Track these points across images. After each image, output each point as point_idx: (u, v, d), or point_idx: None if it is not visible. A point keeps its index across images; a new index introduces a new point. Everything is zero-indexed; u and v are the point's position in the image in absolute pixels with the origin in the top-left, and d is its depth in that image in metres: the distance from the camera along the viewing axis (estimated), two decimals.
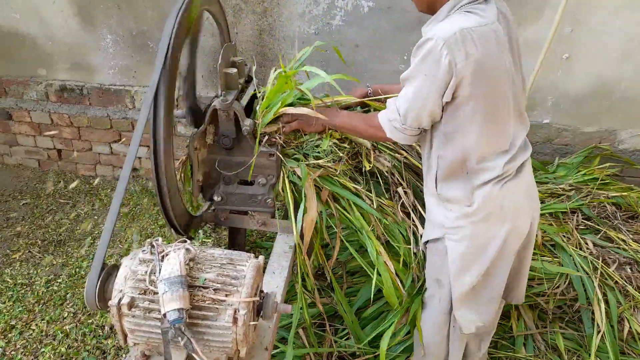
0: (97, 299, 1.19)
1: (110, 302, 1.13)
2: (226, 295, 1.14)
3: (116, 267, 1.28)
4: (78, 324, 2.30)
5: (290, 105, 1.64)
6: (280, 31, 2.86)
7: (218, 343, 1.15)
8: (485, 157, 1.42)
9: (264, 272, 1.64)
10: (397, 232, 1.83)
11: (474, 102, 1.34)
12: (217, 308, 1.13)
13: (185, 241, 1.21)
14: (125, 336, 1.18)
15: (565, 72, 2.71)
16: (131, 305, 1.12)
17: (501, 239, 1.47)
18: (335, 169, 1.71)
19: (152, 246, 1.19)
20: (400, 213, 1.84)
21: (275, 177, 1.72)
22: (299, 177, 1.68)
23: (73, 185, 3.38)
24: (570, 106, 2.81)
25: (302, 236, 1.66)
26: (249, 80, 1.82)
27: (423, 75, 1.32)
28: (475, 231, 1.48)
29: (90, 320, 2.32)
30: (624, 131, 2.83)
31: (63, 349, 2.16)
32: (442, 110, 1.39)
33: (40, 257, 2.75)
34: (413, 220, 1.84)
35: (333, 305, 2.20)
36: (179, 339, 1.09)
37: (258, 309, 1.22)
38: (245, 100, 1.64)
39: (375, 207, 1.77)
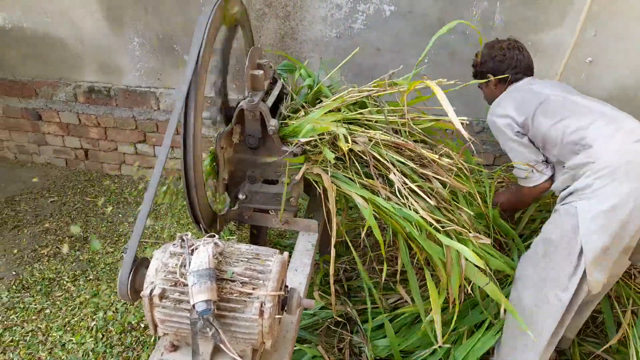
0: (129, 290, 1.25)
1: (142, 293, 1.18)
2: (253, 289, 1.18)
3: (146, 260, 1.33)
4: (103, 318, 2.36)
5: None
6: (303, 34, 2.91)
7: (244, 335, 1.19)
8: (569, 132, 1.75)
9: None
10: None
11: (532, 118, 1.88)
12: (244, 301, 1.17)
13: (213, 236, 1.25)
14: (155, 326, 1.23)
15: (588, 75, 2.69)
16: (162, 296, 1.17)
17: (631, 197, 1.57)
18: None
19: (183, 240, 1.24)
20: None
21: (297, 178, 1.75)
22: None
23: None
24: None
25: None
26: (273, 81, 1.86)
27: (501, 138, 1.98)
28: (603, 186, 1.61)
29: (114, 314, 2.38)
30: None
31: (90, 342, 2.22)
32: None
33: (67, 254, 2.83)
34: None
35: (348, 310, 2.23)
36: (207, 329, 1.13)
37: (283, 303, 1.25)
38: (271, 101, 1.68)
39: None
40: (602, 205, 1.60)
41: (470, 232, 1.77)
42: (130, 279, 1.25)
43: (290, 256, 1.78)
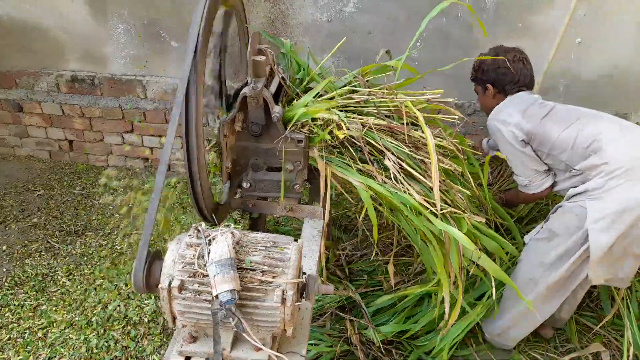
0: (144, 283, 1.23)
1: (160, 286, 1.16)
2: (273, 277, 1.17)
3: (159, 253, 1.31)
4: (102, 312, 2.33)
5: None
6: (293, 18, 2.86)
7: (266, 323, 1.19)
8: (577, 135, 1.79)
9: None
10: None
11: (537, 124, 1.90)
12: (264, 289, 1.16)
13: (228, 225, 1.23)
14: (174, 318, 1.22)
15: (577, 56, 2.73)
16: (181, 288, 1.15)
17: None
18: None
19: (198, 230, 1.22)
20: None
21: (302, 164, 1.75)
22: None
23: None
24: (581, 90, 2.84)
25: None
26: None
27: (510, 148, 1.95)
28: (616, 187, 1.65)
29: (115, 307, 2.35)
30: (635, 114, 2.86)
31: (91, 338, 2.19)
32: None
33: (59, 248, 2.77)
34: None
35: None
36: (230, 319, 1.12)
37: (301, 290, 1.25)
38: (273, 87, 1.66)
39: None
40: (614, 206, 1.65)
41: (464, 212, 1.81)
42: (145, 272, 1.23)
43: None
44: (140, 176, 3.50)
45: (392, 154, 1.75)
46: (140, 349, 2.15)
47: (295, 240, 1.30)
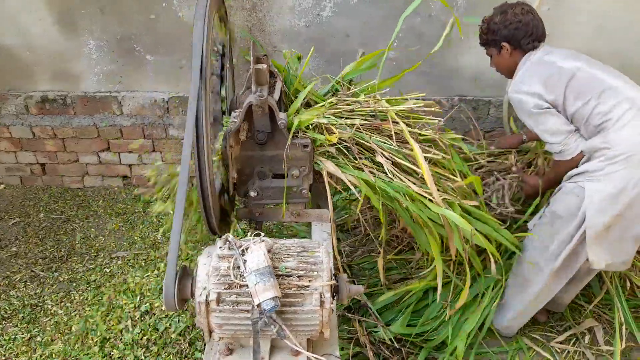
0: (176, 300, 1.21)
1: (197, 300, 1.15)
2: (309, 281, 1.19)
3: (185, 268, 1.29)
4: (104, 339, 2.25)
5: None
6: (271, 25, 2.87)
7: (304, 327, 1.20)
8: (597, 110, 1.76)
9: None
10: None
11: (560, 95, 1.84)
12: (302, 294, 1.17)
13: (259, 234, 1.24)
14: (210, 332, 1.21)
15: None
16: (219, 300, 1.15)
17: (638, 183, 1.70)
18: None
19: (229, 242, 1.21)
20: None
21: (308, 169, 1.76)
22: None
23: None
24: None
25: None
26: (271, 75, 1.84)
27: (526, 114, 1.91)
28: (615, 172, 1.71)
29: (116, 333, 2.28)
30: None
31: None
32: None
33: (44, 276, 2.66)
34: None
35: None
36: (271, 327, 1.13)
37: (333, 292, 1.26)
38: (277, 95, 1.67)
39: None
40: (610, 188, 1.73)
41: (457, 197, 1.88)
42: (176, 288, 1.21)
43: None
44: (119, 195, 3.41)
45: (383, 150, 1.80)
46: None
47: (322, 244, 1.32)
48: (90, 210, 3.26)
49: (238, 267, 1.16)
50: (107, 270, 2.72)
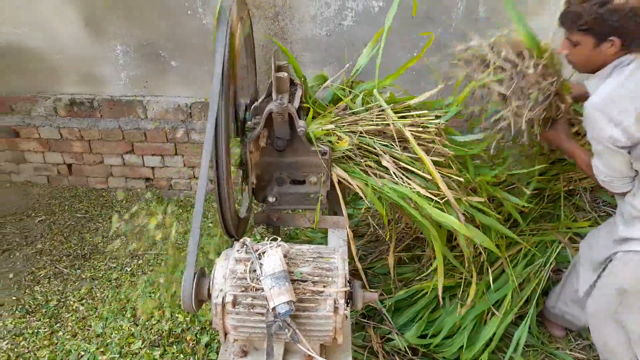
0: (194, 301, 1.24)
1: (214, 302, 1.18)
2: (324, 287, 1.21)
3: (203, 270, 1.33)
4: (121, 336, 2.31)
5: None
6: (293, 34, 2.92)
7: (318, 332, 1.22)
8: None
9: None
10: None
11: None
12: (316, 299, 1.20)
13: (276, 239, 1.26)
14: (226, 334, 1.24)
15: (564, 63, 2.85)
16: (234, 302, 1.18)
17: None
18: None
19: (246, 245, 1.25)
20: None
21: (325, 175, 1.79)
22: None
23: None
24: None
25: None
26: (291, 83, 1.88)
27: (592, 136, 1.58)
28: None
29: (136, 329, 2.33)
30: None
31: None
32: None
33: (68, 273, 2.74)
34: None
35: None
36: (286, 331, 1.15)
37: (348, 298, 1.28)
38: (297, 102, 1.70)
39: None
40: None
41: (463, 196, 1.87)
42: (194, 289, 1.24)
43: None
44: (141, 197, 3.49)
45: (387, 154, 1.82)
46: None
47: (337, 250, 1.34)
48: (114, 210, 3.34)
49: (254, 271, 1.19)
50: (128, 269, 2.79)
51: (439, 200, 1.76)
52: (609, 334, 1.88)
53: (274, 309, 1.12)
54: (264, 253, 1.21)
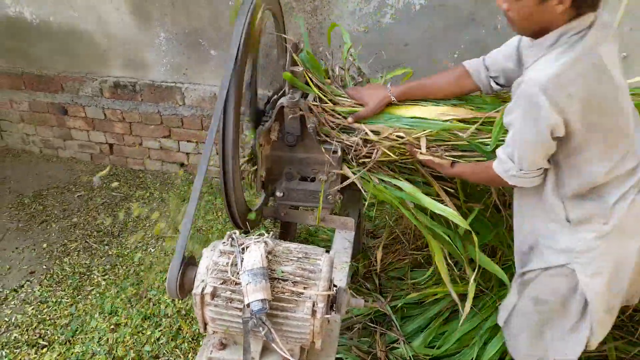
0: (177, 288, 1.25)
1: (193, 292, 1.18)
2: (304, 288, 1.17)
3: (193, 258, 1.33)
4: (134, 313, 2.38)
5: None
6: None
7: (295, 334, 1.19)
8: (613, 174, 1.38)
9: None
10: None
11: (589, 132, 1.30)
12: (295, 300, 1.16)
13: (262, 234, 1.25)
14: (205, 324, 1.23)
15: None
16: (214, 294, 1.17)
17: (635, 253, 1.45)
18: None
19: (232, 238, 1.23)
20: None
21: (336, 175, 1.75)
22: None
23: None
24: None
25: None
26: None
27: (525, 120, 1.30)
28: (609, 249, 1.43)
29: (146, 310, 2.40)
30: None
31: (126, 337, 2.24)
32: (557, 145, 1.34)
33: (96, 248, 2.86)
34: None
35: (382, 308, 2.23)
36: (260, 329, 1.13)
37: (332, 303, 1.24)
38: (310, 98, 1.67)
39: None
40: (606, 266, 1.45)
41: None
42: (179, 277, 1.25)
43: None
44: (175, 180, 3.58)
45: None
46: (174, 354, 2.19)
47: (327, 251, 1.31)
48: (147, 192, 3.45)
49: (235, 265, 1.17)
50: (152, 250, 2.88)
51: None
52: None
53: (248, 305, 1.10)
54: (247, 247, 1.19)
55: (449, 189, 1.77)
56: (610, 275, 1.45)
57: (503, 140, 1.43)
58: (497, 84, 1.64)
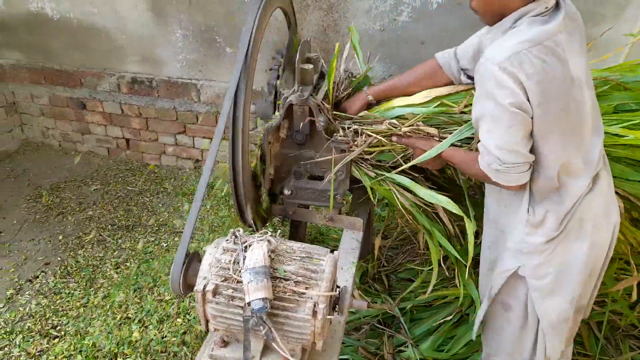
0: (181, 284, 1.25)
1: (195, 288, 1.18)
2: (306, 288, 1.16)
3: (197, 255, 1.33)
4: (144, 308, 2.40)
5: None
6: (345, 27, 2.86)
7: (296, 334, 1.17)
8: (569, 174, 1.35)
9: None
10: None
11: (546, 118, 1.25)
12: (297, 300, 1.15)
13: (266, 233, 1.24)
14: (207, 321, 1.23)
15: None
16: (215, 292, 1.17)
17: (583, 256, 1.40)
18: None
19: (235, 236, 1.23)
20: None
21: (344, 174, 1.73)
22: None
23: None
24: None
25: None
26: (321, 76, 1.84)
27: (491, 101, 1.24)
28: (554, 253, 1.40)
29: (155, 305, 2.42)
30: None
31: (135, 331, 2.27)
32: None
33: (110, 241, 2.90)
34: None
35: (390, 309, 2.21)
36: (260, 327, 1.12)
37: (334, 303, 1.23)
38: (320, 96, 1.66)
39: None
40: (551, 270, 1.42)
41: None
42: (182, 273, 1.25)
43: None
44: (190, 176, 3.61)
45: None
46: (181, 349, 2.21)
47: (332, 251, 1.29)
48: (162, 187, 3.48)
49: (238, 263, 1.17)
50: (164, 245, 2.90)
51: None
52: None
53: (249, 304, 1.09)
54: (250, 245, 1.19)
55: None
56: (555, 279, 1.42)
57: None
58: (467, 77, 1.60)
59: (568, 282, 1.43)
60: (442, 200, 1.59)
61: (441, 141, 1.54)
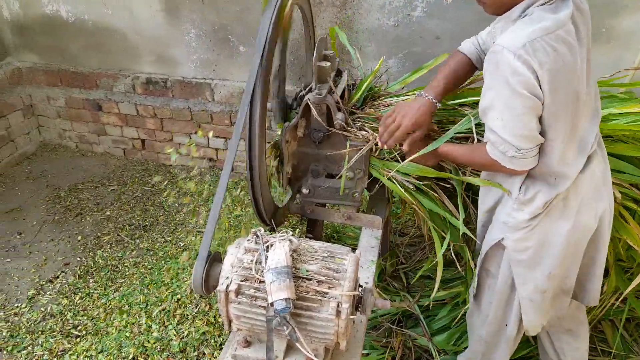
0: (203, 284, 1.25)
1: (218, 288, 1.18)
2: (329, 288, 1.15)
3: (218, 255, 1.33)
4: (163, 307, 2.42)
5: None
6: (359, 23, 2.84)
7: (319, 334, 1.17)
8: (565, 158, 1.37)
9: None
10: None
11: (555, 107, 1.27)
12: (320, 300, 1.15)
13: (287, 232, 1.23)
14: (230, 321, 1.23)
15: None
16: (238, 292, 1.16)
17: (564, 235, 1.44)
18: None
19: (257, 236, 1.23)
20: None
21: (362, 172, 1.72)
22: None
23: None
24: None
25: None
26: (338, 73, 1.82)
27: (506, 90, 1.24)
28: (537, 229, 1.45)
29: (175, 304, 2.43)
30: None
31: (154, 331, 2.28)
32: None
33: (128, 241, 2.92)
34: None
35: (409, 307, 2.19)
36: (284, 328, 1.11)
37: (357, 303, 1.22)
38: (337, 94, 1.64)
39: None
40: (530, 245, 1.48)
41: None
42: (204, 273, 1.25)
43: None
44: (205, 176, 3.62)
45: None
46: (200, 349, 2.22)
47: (353, 250, 1.28)
48: (178, 186, 3.50)
49: (260, 263, 1.16)
50: (181, 244, 2.92)
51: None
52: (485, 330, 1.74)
53: (272, 304, 1.09)
54: (272, 245, 1.18)
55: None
56: (534, 254, 1.48)
57: None
58: None
59: (547, 256, 1.48)
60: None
61: (435, 139, 1.55)
